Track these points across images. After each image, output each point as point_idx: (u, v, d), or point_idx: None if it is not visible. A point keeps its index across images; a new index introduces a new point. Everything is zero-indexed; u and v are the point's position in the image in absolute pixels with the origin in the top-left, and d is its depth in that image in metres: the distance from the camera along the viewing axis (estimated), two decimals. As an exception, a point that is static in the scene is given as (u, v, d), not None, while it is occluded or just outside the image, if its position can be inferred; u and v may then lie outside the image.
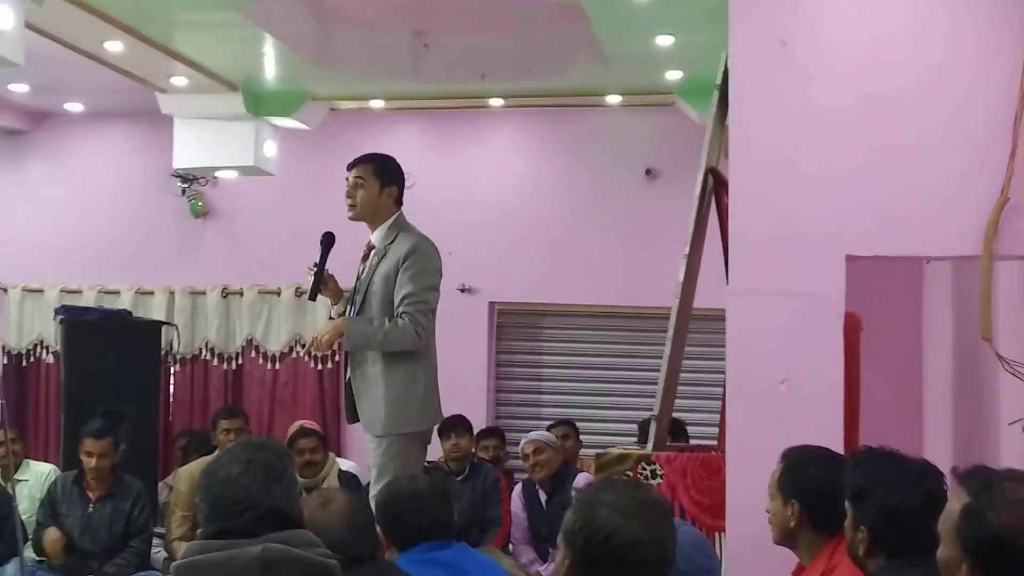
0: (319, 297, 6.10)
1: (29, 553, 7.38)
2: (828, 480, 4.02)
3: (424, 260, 5.77)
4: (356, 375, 5.83)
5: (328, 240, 6.01)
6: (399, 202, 5.97)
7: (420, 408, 5.74)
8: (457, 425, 8.63)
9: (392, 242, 5.83)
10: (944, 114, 4.82)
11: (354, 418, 5.91)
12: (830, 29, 5.00)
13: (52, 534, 7.41)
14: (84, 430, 7.69)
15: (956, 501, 2.70)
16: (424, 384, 5.76)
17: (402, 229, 5.89)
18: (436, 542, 3.97)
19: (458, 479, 8.41)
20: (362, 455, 9.33)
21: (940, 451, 6.07)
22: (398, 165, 6.04)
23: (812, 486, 4.04)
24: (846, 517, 3.69)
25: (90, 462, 7.54)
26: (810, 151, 4.92)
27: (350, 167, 6.01)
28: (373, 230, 5.95)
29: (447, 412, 8.83)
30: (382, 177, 5.91)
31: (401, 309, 5.65)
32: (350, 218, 6.00)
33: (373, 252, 5.92)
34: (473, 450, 8.78)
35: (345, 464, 8.85)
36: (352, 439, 9.88)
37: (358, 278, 5.95)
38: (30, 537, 7.67)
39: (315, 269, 5.93)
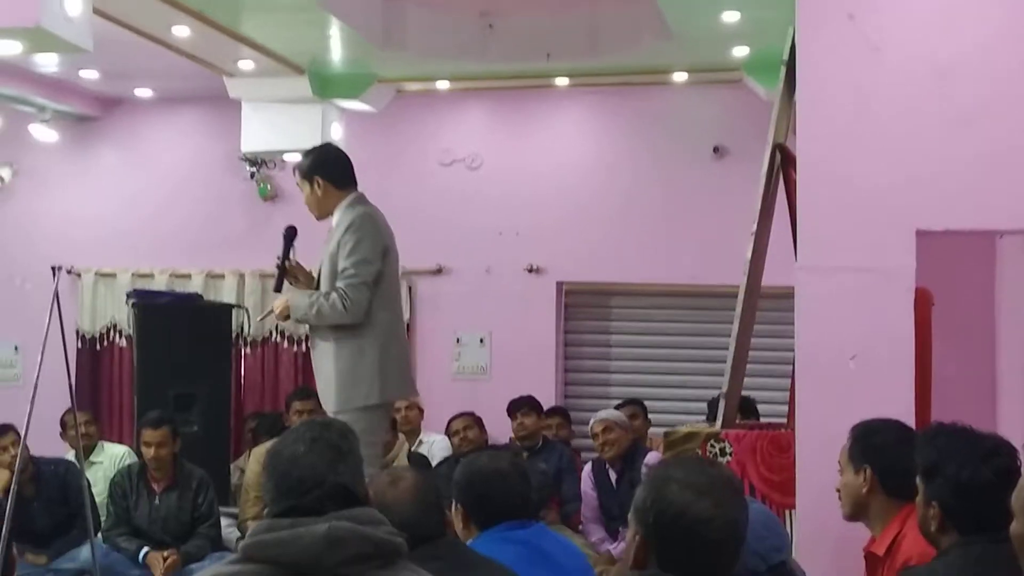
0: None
1: (95, 539, 7.47)
2: (899, 444, 4.02)
3: (359, 234, 5.75)
4: (313, 352, 5.92)
5: (290, 233, 6.04)
6: (341, 184, 5.92)
7: (369, 382, 5.71)
8: (523, 405, 8.85)
9: (339, 222, 5.85)
10: (1015, 83, 4.75)
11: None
12: (897, 1, 4.93)
13: (156, 560, 7.47)
14: (142, 420, 7.77)
15: (1030, 476, 2.67)
16: (374, 358, 5.72)
17: (351, 208, 5.87)
18: (515, 521, 3.97)
19: (527, 456, 8.50)
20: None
21: (1014, 427, 5.99)
22: (322, 156, 6.03)
23: (883, 450, 4.04)
24: (917, 486, 3.68)
25: (148, 452, 7.61)
26: (878, 125, 4.86)
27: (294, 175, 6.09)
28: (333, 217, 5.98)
29: (521, 391, 9.03)
30: (307, 175, 5.92)
31: (338, 282, 5.70)
32: (316, 219, 6.04)
33: (330, 233, 5.94)
34: (543, 428, 8.88)
35: (435, 438, 8.94)
36: (423, 419, 9.93)
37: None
38: (102, 519, 7.77)
39: (278, 262, 5.93)
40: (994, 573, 3.06)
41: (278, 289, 6.09)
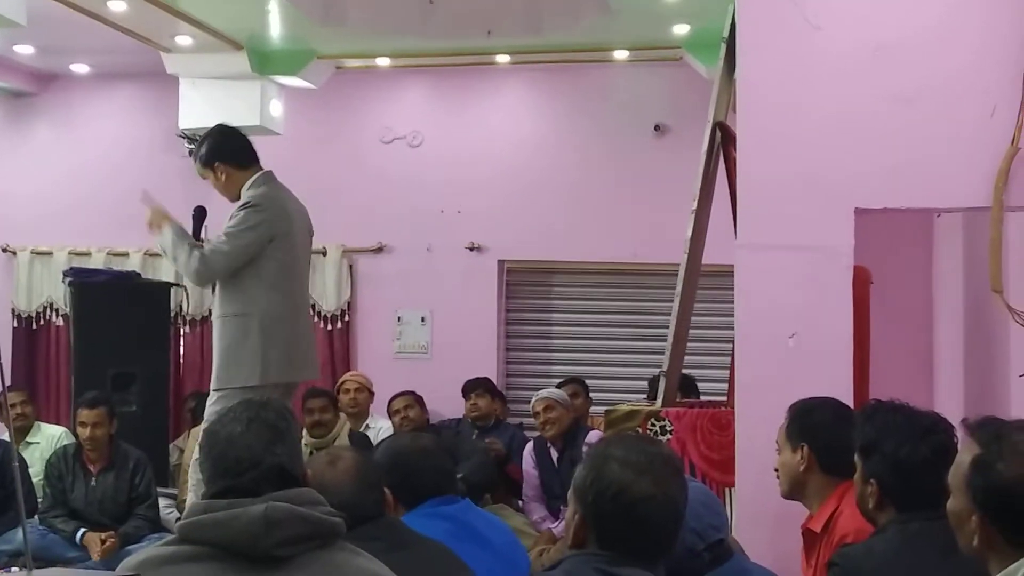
0: (327, 257, 6.07)
1: (32, 521, 7.40)
2: (836, 422, 4.08)
3: (247, 211, 5.73)
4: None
5: (199, 213, 6.06)
6: (243, 165, 5.89)
7: (251, 363, 5.68)
8: (477, 386, 8.91)
9: (238, 202, 5.85)
10: (953, 64, 4.77)
11: None
12: (838, -21, 4.94)
13: (93, 541, 7.39)
14: (78, 400, 7.71)
15: (966, 452, 2.69)
16: (257, 340, 5.68)
17: (253, 187, 5.85)
18: (443, 497, 3.97)
19: (477, 434, 8.66)
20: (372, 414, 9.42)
21: (951, 404, 6.05)
22: (215, 143, 5.97)
23: (820, 428, 4.09)
24: (854, 462, 3.71)
25: (84, 432, 7.55)
26: (818, 103, 4.87)
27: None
28: None
29: (463, 372, 9.02)
30: (206, 162, 5.91)
31: (207, 243, 5.74)
32: (231, 202, 5.97)
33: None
34: (497, 411, 8.97)
35: (383, 423, 8.91)
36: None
37: None
38: (39, 500, 7.70)
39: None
40: (931, 550, 3.09)
41: None
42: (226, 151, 5.90)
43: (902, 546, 3.26)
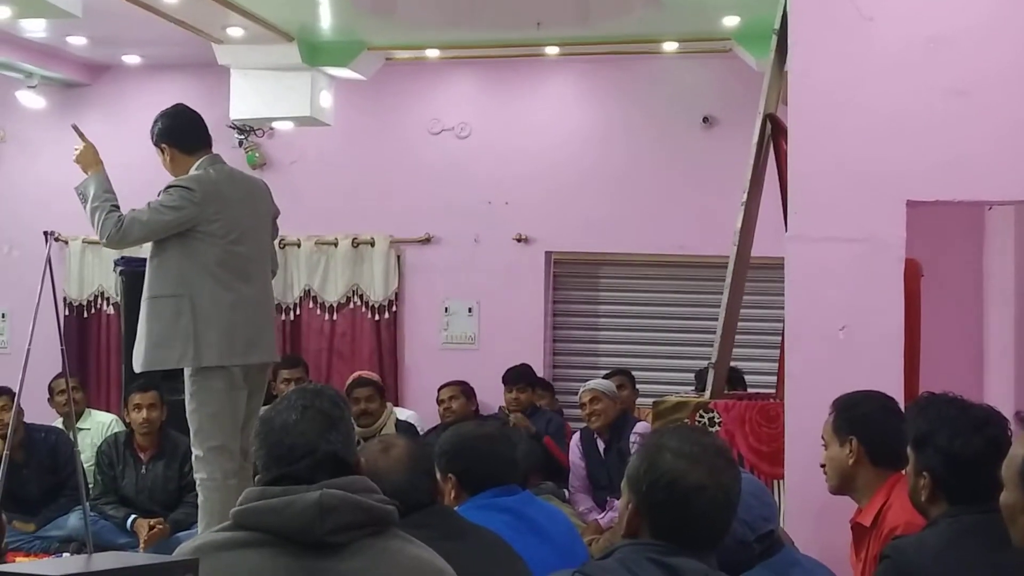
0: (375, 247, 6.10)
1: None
2: (882, 414, 4.09)
3: (170, 196, 5.79)
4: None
5: None
6: (188, 149, 5.97)
7: (183, 345, 5.68)
8: (519, 379, 8.89)
9: None
10: (1007, 56, 4.74)
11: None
12: (890, -30, 4.92)
13: (143, 527, 7.46)
14: (129, 387, 7.77)
15: (1020, 445, 2.68)
16: (189, 322, 5.68)
17: (197, 170, 5.91)
18: (503, 487, 3.98)
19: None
20: (420, 404, 9.46)
21: (1002, 397, 6.01)
22: (165, 124, 6.06)
23: (867, 420, 4.11)
24: (903, 454, 3.71)
25: (139, 416, 7.61)
26: (870, 95, 4.85)
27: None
28: None
29: (510, 362, 9.03)
30: (156, 142, 6.02)
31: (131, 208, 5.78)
32: None
33: None
34: (536, 403, 8.95)
35: (404, 413, 8.92)
36: (410, 389, 9.94)
37: None
38: (90, 486, 7.77)
39: None
40: (983, 543, 3.08)
41: None
42: (174, 133, 6.00)
43: (954, 539, 3.25)
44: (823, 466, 4.23)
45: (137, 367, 5.84)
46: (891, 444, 4.07)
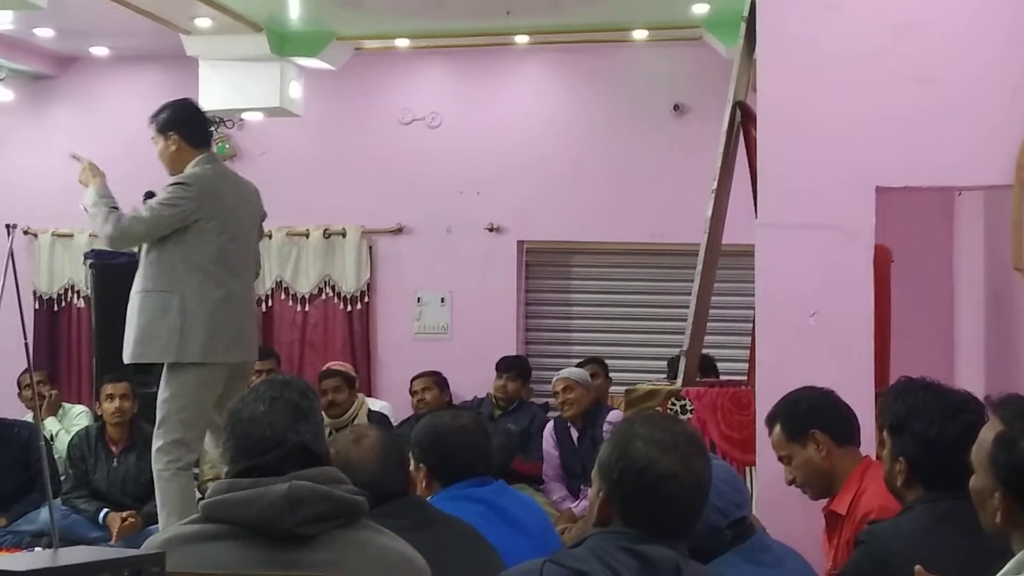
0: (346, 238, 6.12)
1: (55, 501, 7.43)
2: (823, 398, 4.17)
3: (170, 193, 5.82)
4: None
5: (149, 197, 6.04)
6: (195, 143, 5.98)
7: (167, 340, 5.74)
8: (512, 367, 8.93)
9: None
10: (974, 42, 4.75)
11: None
12: (858, -43, 4.93)
13: (114, 521, 7.44)
14: (101, 379, 7.75)
15: (989, 430, 2.68)
16: (176, 318, 5.74)
17: (195, 166, 5.91)
18: (477, 478, 3.97)
19: (500, 414, 8.69)
20: (393, 395, 9.45)
21: (972, 381, 6.03)
22: (179, 109, 6.06)
23: (816, 408, 4.15)
24: (856, 427, 3.74)
25: (112, 405, 7.58)
26: (839, 82, 4.86)
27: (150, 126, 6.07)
28: None
29: (482, 352, 9.04)
30: (163, 129, 5.97)
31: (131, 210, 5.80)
32: (169, 175, 6.03)
33: None
34: (524, 395, 8.99)
35: (377, 404, 8.90)
36: (383, 379, 9.92)
37: None
38: (61, 478, 7.74)
39: None
40: (959, 528, 3.08)
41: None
42: (186, 124, 5.99)
43: (930, 524, 3.26)
44: (792, 482, 4.23)
45: (125, 359, 5.90)
46: (846, 418, 4.15)
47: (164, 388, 5.80)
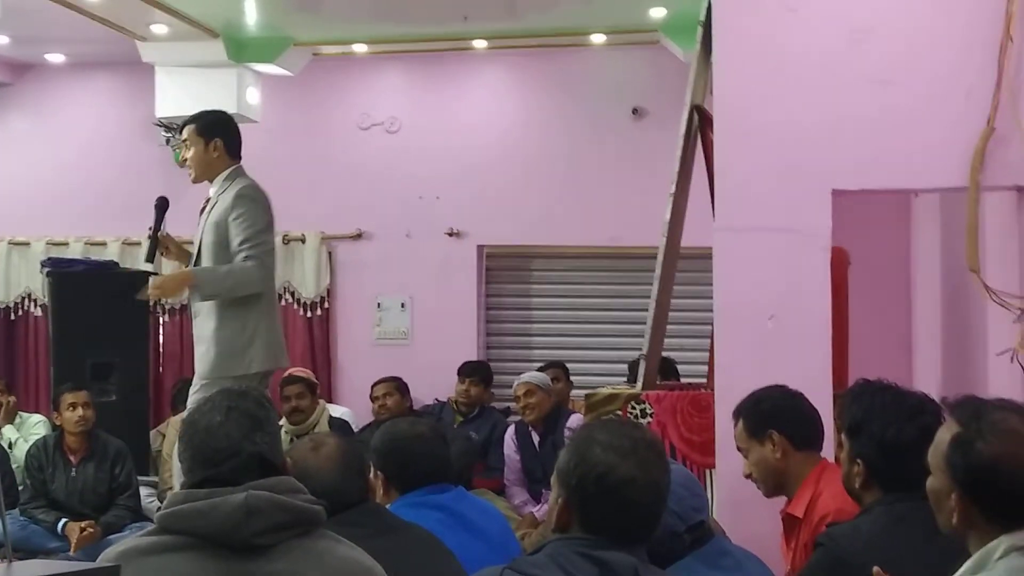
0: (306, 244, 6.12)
1: (12, 512, 7.37)
2: (787, 399, 4.17)
3: (251, 205, 5.79)
4: (195, 319, 5.90)
5: (162, 204, 6.08)
6: (233, 154, 5.96)
7: (251, 352, 5.74)
8: (475, 372, 8.94)
9: (224, 191, 5.85)
10: (929, 44, 4.78)
11: None
12: (813, -39, 4.95)
13: (73, 531, 7.37)
14: (59, 389, 7.69)
15: (946, 431, 2.70)
16: (257, 328, 5.76)
17: (236, 178, 5.89)
18: (436, 485, 3.97)
19: (462, 421, 8.67)
20: (354, 401, 9.43)
21: (929, 383, 6.08)
22: (224, 118, 6.08)
23: (779, 410, 4.14)
24: (819, 433, 3.75)
25: (74, 415, 7.52)
26: (794, 85, 4.88)
27: (179, 130, 6.02)
28: (212, 184, 5.96)
29: (443, 357, 9.03)
30: (205, 133, 5.92)
31: (245, 253, 5.68)
32: (193, 181, 6.03)
33: (208, 203, 5.93)
34: (487, 400, 9.01)
35: (337, 411, 8.87)
36: (344, 385, 9.90)
37: (197, 230, 5.97)
38: (20, 488, 7.68)
39: (150, 233, 6.00)
40: (917, 530, 3.09)
41: (150, 260, 6.18)
42: (229, 132, 5.97)
43: (888, 526, 3.27)
44: (748, 476, 4.24)
45: (204, 374, 5.76)
46: (807, 425, 4.15)
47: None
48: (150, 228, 5.99)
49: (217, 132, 5.91)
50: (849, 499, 3.63)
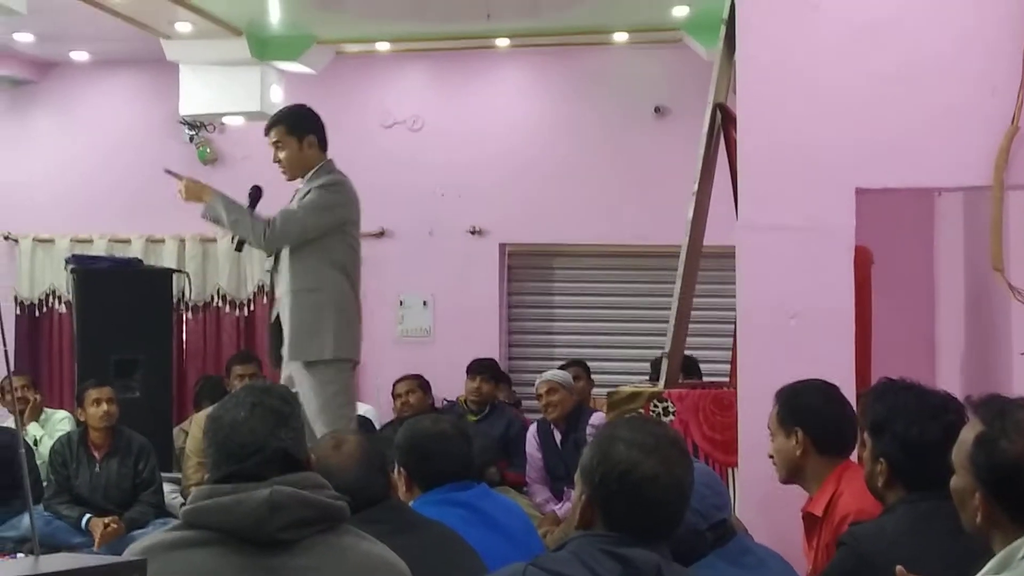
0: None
1: (37, 507, 7.40)
2: (825, 402, 4.12)
3: (325, 193, 5.89)
4: (282, 316, 5.99)
5: (256, 192, 6.13)
6: (324, 147, 6.05)
7: (323, 337, 5.84)
8: (484, 370, 8.88)
9: (310, 184, 5.94)
10: (954, 42, 4.77)
11: (276, 362, 6.08)
12: (836, -42, 4.94)
13: (97, 527, 7.40)
14: (83, 385, 7.72)
15: (970, 430, 2.69)
16: (330, 317, 5.86)
17: (323, 172, 5.98)
18: (458, 483, 3.98)
19: (474, 419, 8.56)
20: (376, 398, 9.44)
21: (953, 382, 6.05)
22: (310, 113, 6.12)
23: (812, 410, 4.10)
24: (850, 441, 3.72)
25: (99, 410, 7.54)
26: (818, 83, 4.87)
27: (266, 131, 6.08)
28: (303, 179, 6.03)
29: (465, 355, 9.03)
30: (296, 132, 5.99)
31: (277, 214, 5.86)
32: (288, 179, 6.09)
33: (296, 194, 6.02)
34: (497, 396, 8.96)
35: (360, 408, 8.88)
36: (366, 383, 9.91)
37: None
38: (44, 484, 7.71)
39: None
40: (941, 529, 3.09)
41: (239, 248, 6.22)
42: (318, 127, 6.07)
43: (912, 525, 3.27)
44: (771, 457, 4.24)
45: (286, 358, 5.94)
46: (836, 432, 4.11)
47: (321, 387, 5.85)
48: None
49: (308, 128, 6.00)
50: (870, 499, 3.62)
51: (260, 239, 5.86)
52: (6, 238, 10.43)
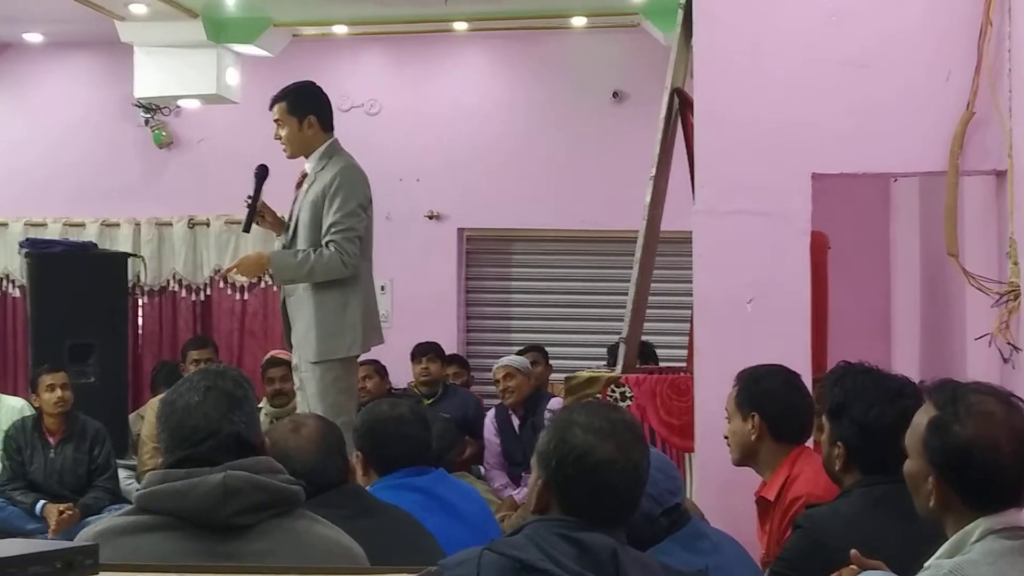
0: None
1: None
2: (785, 389, 4.13)
3: (349, 186, 5.76)
4: (291, 300, 5.86)
5: (262, 172, 5.99)
6: (327, 127, 5.92)
7: (353, 333, 5.70)
8: (428, 351, 8.81)
9: (322, 169, 5.82)
10: (909, 29, 4.78)
11: (292, 345, 5.94)
12: (792, -56, 4.94)
13: (52, 513, 7.35)
14: (38, 370, 7.66)
15: (923, 414, 2.71)
16: (356, 309, 5.72)
17: (333, 155, 5.87)
18: (415, 468, 3.97)
19: (428, 403, 8.48)
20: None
21: (908, 367, 6.08)
22: (315, 92, 5.99)
23: (770, 396, 4.12)
24: (806, 428, 3.73)
25: (53, 396, 7.49)
26: (774, 69, 4.88)
27: (270, 107, 5.96)
28: (308, 160, 5.91)
29: (422, 338, 9.01)
30: (297, 111, 5.86)
31: (327, 238, 5.64)
32: (288, 157, 5.98)
33: (305, 179, 5.89)
34: (446, 375, 8.91)
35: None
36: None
37: (292, 205, 5.90)
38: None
39: (249, 202, 5.89)
40: (896, 512, 3.10)
41: (247, 229, 6.09)
42: (322, 107, 5.92)
43: (867, 508, 3.29)
44: (726, 438, 4.25)
45: (308, 358, 5.70)
46: (793, 420, 4.13)
47: (335, 383, 5.70)
48: (248, 196, 5.89)
49: (309, 107, 5.86)
50: (823, 483, 3.65)
51: (343, 269, 5.65)
52: (-41, 222, 10.34)
